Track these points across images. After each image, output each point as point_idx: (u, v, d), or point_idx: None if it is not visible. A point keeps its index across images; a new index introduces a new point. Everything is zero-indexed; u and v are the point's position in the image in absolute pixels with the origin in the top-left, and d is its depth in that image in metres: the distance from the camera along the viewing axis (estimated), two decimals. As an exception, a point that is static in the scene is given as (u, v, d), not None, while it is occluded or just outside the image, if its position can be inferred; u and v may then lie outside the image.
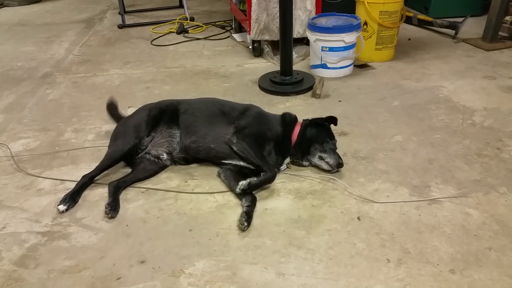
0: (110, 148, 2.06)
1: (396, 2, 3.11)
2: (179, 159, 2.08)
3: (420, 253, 1.51)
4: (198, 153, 2.04)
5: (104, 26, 4.71)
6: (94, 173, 1.95)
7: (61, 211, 1.79)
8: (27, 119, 2.65)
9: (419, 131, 2.30)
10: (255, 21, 3.34)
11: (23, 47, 4.11)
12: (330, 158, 1.96)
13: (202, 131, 2.01)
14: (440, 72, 3.07)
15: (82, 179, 1.93)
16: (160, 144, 2.06)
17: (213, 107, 2.12)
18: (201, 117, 2.06)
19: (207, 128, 2.02)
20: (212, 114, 2.07)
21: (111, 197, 1.82)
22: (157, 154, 2.05)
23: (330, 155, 1.96)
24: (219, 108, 2.10)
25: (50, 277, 1.49)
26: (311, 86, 2.87)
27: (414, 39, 3.76)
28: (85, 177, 1.93)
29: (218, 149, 1.99)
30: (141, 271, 1.49)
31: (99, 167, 1.97)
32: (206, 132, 2.01)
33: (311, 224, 1.67)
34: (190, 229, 1.68)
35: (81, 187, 1.90)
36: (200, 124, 2.03)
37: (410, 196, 1.81)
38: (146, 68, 3.40)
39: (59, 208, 1.79)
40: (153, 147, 2.05)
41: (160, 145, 2.06)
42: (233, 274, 1.47)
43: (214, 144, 1.99)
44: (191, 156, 2.06)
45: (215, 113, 2.07)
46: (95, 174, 1.96)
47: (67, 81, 3.22)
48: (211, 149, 2.00)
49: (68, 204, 1.81)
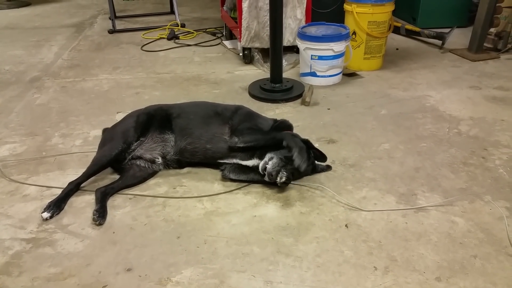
0: (97, 154, 2.04)
1: (384, 13, 3.16)
2: (172, 161, 2.08)
3: (407, 261, 1.53)
4: (194, 155, 2.05)
5: (94, 31, 4.69)
6: (80, 180, 1.93)
7: (45, 218, 1.76)
8: (14, 123, 2.62)
9: (406, 139, 2.33)
10: (246, 28, 3.36)
11: (12, 50, 4.07)
12: (273, 168, 1.83)
13: (197, 132, 2.04)
14: (427, 81, 3.12)
15: (68, 186, 1.90)
16: (153, 148, 2.06)
17: (206, 109, 2.16)
18: (195, 119, 2.09)
19: (202, 129, 2.05)
20: (206, 116, 2.10)
21: (99, 204, 1.80)
22: (152, 157, 2.04)
23: (276, 166, 1.84)
24: (212, 110, 2.14)
25: (34, 285, 1.47)
26: (300, 94, 2.89)
27: (402, 49, 3.82)
28: (71, 184, 1.91)
29: (214, 149, 2.01)
30: (127, 279, 1.48)
31: (85, 174, 1.95)
32: (201, 133, 2.03)
33: (299, 232, 1.68)
34: (178, 236, 1.67)
35: (66, 194, 1.87)
36: (195, 126, 2.06)
37: (397, 204, 1.82)
38: (136, 74, 3.39)
39: (43, 215, 1.76)
40: (147, 152, 2.05)
41: (153, 149, 2.06)
42: (220, 282, 1.46)
43: (210, 144, 2.02)
44: (186, 159, 2.07)
45: (209, 114, 2.11)
46: (82, 181, 1.94)
47: (56, 85, 3.19)
48: (208, 150, 2.02)
49: (52, 211, 1.78)
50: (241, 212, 1.81)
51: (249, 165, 1.97)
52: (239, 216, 1.78)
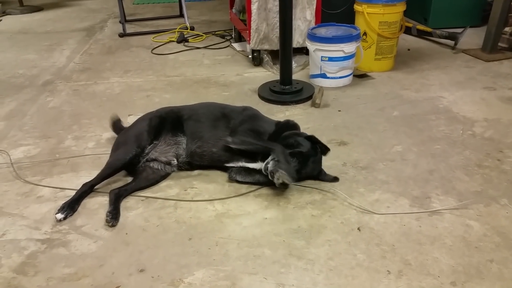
0: (111, 157, 2.05)
1: (395, 13, 3.13)
2: (184, 164, 2.10)
3: (421, 265, 1.51)
4: (202, 158, 2.06)
5: (105, 34, 4.73)
6: (94, 182, 1.94)
7: (59, 219, 1.78)
8: (27, 126, 2.65)
9: (419, 141, 2.31)
10: (255, 30, 3.36)
11: (25, 54, 4.12)
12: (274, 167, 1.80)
13: (206, 136, 2.05)
14: (440, 82, 3.08)
15: (82, 187, 1.92)
16: (167, 150, 2.07)
17: (215, 110, 2.16)
18: (204, 122, 2.10)
19: (210, 132, 2.05)
20: (214, 118, 2.11)
21: (112, 205, 1.81)
22: (167, 160, 2.06)
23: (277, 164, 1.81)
24: (221, 111, 2.14)
25: (50, 284, 1.48)
26: (310, 96, 2.88)
27: (414, 49, 3.79)
28: (85, 186, 1.92)
29: (219, 152, 2.02)
30: (140, 280, 1.49)
31: (99, 176, 1.96)
32: (209, 136, 2.04)
33: (311, 234, 1.67)
34: (189, 238, 1.67)
35: (80, 195, 1.89)
36: (204, 129, 2.07)
37: (411, 207, 1.80)
38: (146, 77, 3.41)
39: (57, 216, 1.78)
40: (161, 154, 2.06)
41: (167, 151, 2.07)
42: (232, 284, 1.46)
43: (215, 148, 2.03)
44: (196, 162, 2.08)
45: (217, 116, 2.12)
46: (96, 183, 1.95)
47: (68, 89, 3.22)
48: (214, 153, 2.03)
49: (66, 212, 1.80)
50: (252, 214, 1.80)
51: (255, 168, 1.97)
52: (250, 218, 1.78)
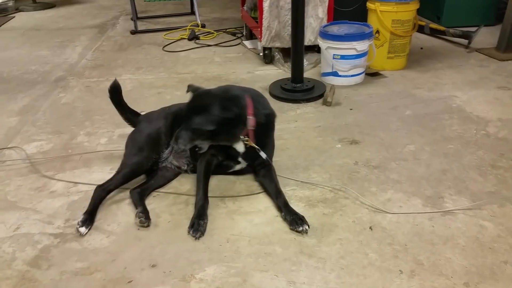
0: (130, 159, 1.94)
1: (408, 11, 3.10)
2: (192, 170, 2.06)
3: (434, 265, 1.49)
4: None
5: (116, 31, 4.76)
6: (112, 187, 1.85)
7: (83, 234, 1.69)
8: (40, 121, 2.68)
9: (432, 141, 2.28)
10: (267, 28, 3.35)
11: (38, 51, 4.16)
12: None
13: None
14: (453, 82, 3.05)
15: (98, 192, 1.82)
16: (180, 155, 2.04)
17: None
18: None
19: None
20: None
21: (141, 206, 1.77)
22: (178, 164, 2.04)
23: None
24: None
25: (63, 278, 1.50)
26: (322, 94, 2.87)
27: (426, 48, 3.75)
28: (102, 191, 1.83)
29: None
30: (152, 275, 1.49)
31: (118, 180, 1.87)
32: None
33: (322, 233, 1.66)
34: (200, 235, 1.68)
35: (99, 203, 1.81)
36: None
37: (423, 207, 1.79)
38: (158, 74, 3.42)
39: (81, 231, 1.69)
40: (174, 158, 2.04)
41: (180, 156, 2.04)
42: (243, 280, 1.46)
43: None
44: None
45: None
46: (113, 189, 1.86)
47: (80, 85, 3.25)
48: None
49: (89, 226, 1.72)
50: (263, 212, 1.80)
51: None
52: (261, 216, 1.78)
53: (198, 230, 1.67)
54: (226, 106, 1.76)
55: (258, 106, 1.87)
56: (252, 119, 1.82)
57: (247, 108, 1.81)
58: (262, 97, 1.98)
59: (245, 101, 1.82)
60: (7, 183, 2.06)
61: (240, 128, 1.82)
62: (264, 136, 1.93)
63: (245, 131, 1.84)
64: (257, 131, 1.86)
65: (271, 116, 1.95)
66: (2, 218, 1.82)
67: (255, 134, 1.86)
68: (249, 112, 1.82)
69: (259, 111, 1.86)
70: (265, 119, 1.89)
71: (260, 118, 1.85)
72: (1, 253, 1.62)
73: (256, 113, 1.84)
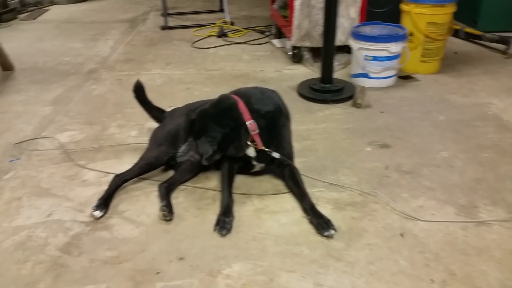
0: (149, 153, 2.01)
1: (444, 14, 3.03)
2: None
3: (467, 276, 1.45)
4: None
5: (147, 26, 4.82)
6: (128, 177, 1.93)
7: (98, 217, 1.76)
8: (73, 112, 2.74)
9: (466, 148, 2.22)
10: (297, 27, 3.33)
11: (71, 43, 4.26)
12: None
13: None
14: (489, 88, 2.96)
15: (114, 181, 1.90)
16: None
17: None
18: None
19: None
20: None
21: (165, 200, 1.80)
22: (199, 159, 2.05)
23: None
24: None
25: (92, 266, 1.53)
26: (351, 95, 2.83)
27: (461, 53, 3.65)
28: (119, 179, 1.90)
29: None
30: (179, 268, 1.51)
31: (135, 171, 1.94)
32: None
33: (350, 237, 1.63)
34: (227, 231, 1.68)
35: (114, 190, 1.88)
36: None
37: (457, 216, 1.74)
38: (186, 70, 3.44)
39: (95, 214, 1.75)
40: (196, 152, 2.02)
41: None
42: (270, 280, 1.45)
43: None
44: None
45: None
46: (129, 178, 1.94)
47: (112, 78, 3.30)
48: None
49: (104, 210, 1.78)
50: (290, 212, 1.79)
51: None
52: (288, 216, 1.76)
53: (224, 227, 1.67)
54: (219, 122, 1.76)
55: (258, 108, 1.82)
56: (252, 124, 1.78)
57: (242, 115, 1.78)
58: (263, 93, 1.91)
59: (238, 109, 1.78)
60: (41, 170, 2.11)
61: (243, 136, 1.79)
62: (274, 134, 1.87)
63: (250, 137, 1.81)
64: (263, 132, 1.82)
65: (274, 113, 1.86)
66: (36, 204, 1.87)
67: (263, 135, 1.82)
68: (246, 117, 1.78)
69: (259, 113, 1.81)
70: (267, 119, 1.83)
71: (261, 120, 1.81)
72: (35, 238, 1.67)
73: (255, 116, 1.80)
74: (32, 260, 1.56)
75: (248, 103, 1.81)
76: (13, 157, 2.22)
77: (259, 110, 1.82)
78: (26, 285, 1.46)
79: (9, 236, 1.68)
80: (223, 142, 1.78)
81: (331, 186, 1.93)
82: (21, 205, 1.86)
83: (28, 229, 1.72)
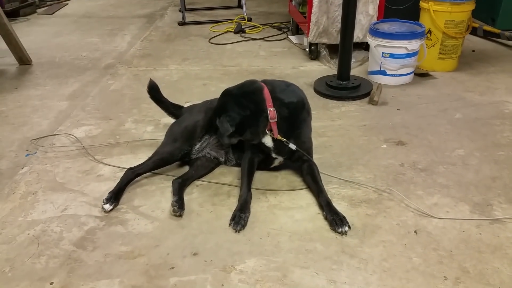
0: (163, 148, 2.01)
1: (463, 12, 2.99)
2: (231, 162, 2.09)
3: (480, 274, 1.44)
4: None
5: (164, 22, 4.86)
6: (141, 171, 1.94)
7: (107, 210, 1.78)
8: (90, 107, 2.78)
9: (482, 146, 2.20)
10: (315, 23, 3.32)
11: (88, 38, 4.32)
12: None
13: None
14: (506, 86, 2.91)
15: (127, 174, 1.91)
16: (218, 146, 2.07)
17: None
18: None
19: None
20: None
21: (177, 196, 1.81)
22: (216, 155, 2.07)
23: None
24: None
25: (107, 260, 1.55)
26: (368, 92, 2.81)
27: (479, 51, 3.60)
28: (132, 173, 1.92)
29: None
30: (193, 263, 1.52)
31: (148, 166, 1.95)
32: None
33: (364, 234, 1.64)
34: (242, 226, 1.69)
35: (126, 184, 1.89)
36: None
37: (471, 213, 1.72)
38: (203, 65, 3.47)
39: (105, 207, 1.78)
40: (212, 150, 2.06)
41: (218, 147, 2.07)
42: (283, 275, 1.46)
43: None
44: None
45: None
46: (142, 172, 1.95)
47: (129, 73, 3.34)
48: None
49: (114, 204, 1.80)
50: (305, 208, 1.80)
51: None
52: (302, 212, 1.77)
53: (239, 223, 1.68)
54: (241, 104, 1.77)
55: (281, 97, 1.83)
56: (273, 111, 1.79)
57: (265, 102, 1.79)
58: (288, 86, 1.92)
59: (262, 94, 1.80)
60: (57, 164, 2.15)
61: (262, 122, 1.81)
62: (294, 127, 1.87)
63: (268, 125, 1.82)
64: (283, 123, 1.83)
65: (297, 105, 1.86)
66: (51, 198, 1.90)
67: (282, 126, 1.83)
68: (268, 104, 1.79)
69: (281, 102, 1.82)
70: (289, 109, 1.83)
71: (282, 110, 1.82)
72: (50, 232, 1.69)
73: (277, 105, 1.81)
74: (46, 255, 1.58)
75: (272, 91, 1.83)
76: (29, 152, 2.26)
77: (282, 100, 1.83)
78: (40, 279, 1.48)
79: (24, 230, 1.70)
80: (241, 125, 1.80)
81: (346, 183, 1.93)
82: (37, 199, 1.89)
83: (43, 223, 1.74)
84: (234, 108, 1.78)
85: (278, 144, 1.88)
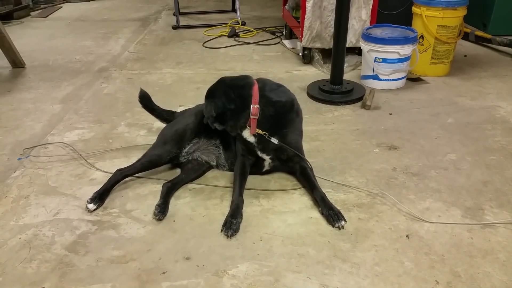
0: (153, 150, 2.02)
1: (455, 17, 3.02)
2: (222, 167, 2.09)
3: (471, 278, 1.45)
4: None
5: (158, 26, 4.86)
6: (129, 173, 1.95)
7: (91, 210, 1.79)
8: (83, 110, 2.77)
9: (473, 151, 2.21)
10: (308, 28, 3.34)
11: (82, 41, 4.31)
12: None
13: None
14: (498, 91, 2.94)
15: (115, 175, 1.92)
16: (209, 150, 2.07)
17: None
18: None
19: None
20: None
21: (162, 199, 1.82)
22: (207, 159, 2.07)
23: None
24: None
25: (99, 265, 1.54)
26: (360, 97, 2.83)
27: (471, 56, 3.63)
28: (120, 174, 1.92)
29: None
30: (185, 268, 1.52)
31: (136, 168, 1.96)
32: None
33: (357, 238, 1.64)
34: (234, 231, 1.69)
35: (112, 185, 1.90)
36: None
37: (463, 218, 1.74)
38: (197, 69, 3.47)
39: (89, 207, 1.79)
40: (203, 153, 2.06)
41: (209, 151, 2.07)
42: (275, 280, 1.46)
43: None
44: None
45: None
46: (130, 174, 1.96)
47: (122, 76, 3.34)
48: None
49: (98, 204, 1.81)
50: (297, 212, 1.80)
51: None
52: (295, 216, 1.77)
53: (230, 228, 1.68)
54: (228, 96, 1.82)
55: (269, 96, 1.85)
56: (256, 108, 1.81)
57: (251, 98, 1.82)
58: (280, 86, 1.94)
59: (250, 90, 1.83)
60: (49, 168, 2.13)
61: (243, 117, 1.84)
62: (279, 126, 1.88)
63: (248, 121, 1.85)
64: (266, 121, 1.84)
65: (284, 104, 1.88)
66: (43, 202, 1.89)
67: (264, 124, 1.85)
68: (254, 101, 1.82)
69: (268, 101, 1.84)
70: (275, 108, 1.85)
71: (268, 108, 1.84)
72: (42, 236, 1.68)
73: (263, 103, 1.83)
74: (38, 259, 1.57)
75: (262, 89, 1.86)
76: (22, 155, 2.24)
77: (270, 98, 1.86)
78: (31, 284, 1.47)
79: (16, 234, 1.69)
80: (223, 115, 1.85)
81: (339, 187, 1.94)
82: (29, 203, 1.88)
83: (34, 227, 1.73)
84: (222, 98, 1.83)
85: (261, 140, 1.90)
